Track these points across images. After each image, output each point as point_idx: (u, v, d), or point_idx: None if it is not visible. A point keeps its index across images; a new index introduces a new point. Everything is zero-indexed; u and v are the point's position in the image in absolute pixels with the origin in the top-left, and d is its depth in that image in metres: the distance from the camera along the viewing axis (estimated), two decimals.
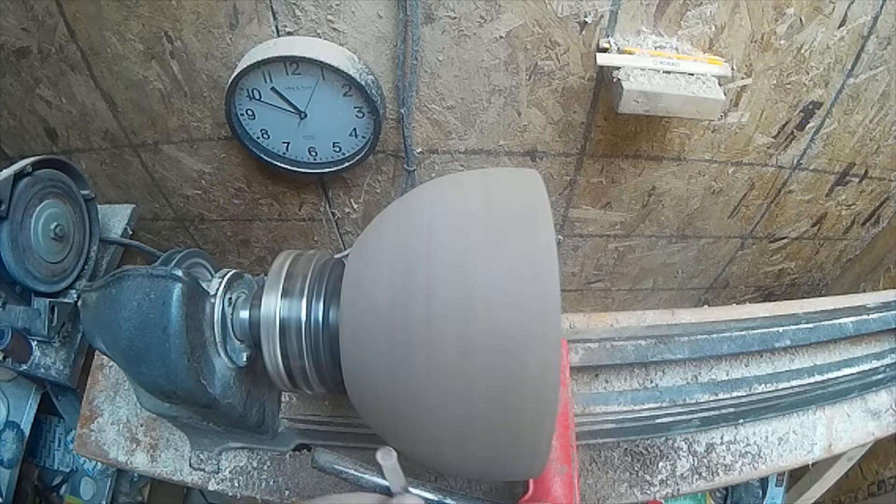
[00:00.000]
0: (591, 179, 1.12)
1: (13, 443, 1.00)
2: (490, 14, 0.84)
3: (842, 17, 0.87)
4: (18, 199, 0.78)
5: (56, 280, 0.86)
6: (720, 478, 0.74)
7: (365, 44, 0.89)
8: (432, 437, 0.44)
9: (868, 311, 0.83)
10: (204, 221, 1.27)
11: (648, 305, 1.53)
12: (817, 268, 1.45)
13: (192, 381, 0.51)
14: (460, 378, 0.40)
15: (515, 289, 0.40)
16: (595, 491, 0.71)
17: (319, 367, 0.50)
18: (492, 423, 0.41)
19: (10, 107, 1.03)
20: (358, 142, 1.00)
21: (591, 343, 0.74)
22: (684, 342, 0.75)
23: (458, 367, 0.40)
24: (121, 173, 1.15)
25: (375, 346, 0.44)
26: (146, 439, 0.74)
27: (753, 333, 0.77)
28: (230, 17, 0.86)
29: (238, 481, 0.71)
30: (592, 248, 1.31)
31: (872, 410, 0.80)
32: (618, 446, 0.73)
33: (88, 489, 1.15)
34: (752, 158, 1.10)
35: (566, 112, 0.98)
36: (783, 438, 0.76)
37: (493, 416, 0.41)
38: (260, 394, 0.62)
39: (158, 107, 1.00)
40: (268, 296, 0.50)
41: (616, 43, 0.86)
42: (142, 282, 0.50)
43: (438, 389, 0.41)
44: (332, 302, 0.50)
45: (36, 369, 0.89)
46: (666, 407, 0.73)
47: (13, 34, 0.90)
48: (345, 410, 0.70)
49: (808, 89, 0.98)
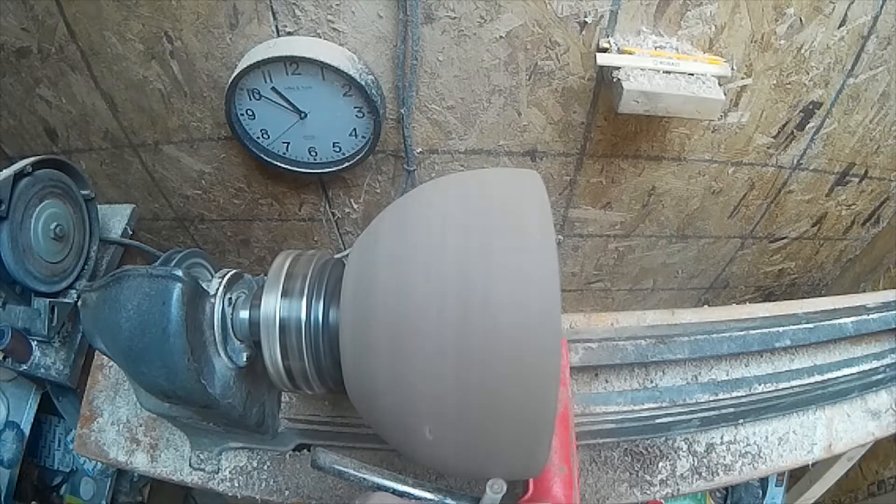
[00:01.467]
0: (591, 179, 1.12)
1: (13, 443, 1.00)
2: (490, 14, 0.84)
3: (842, 17, 0.87)
4: (18, 198, 0.78)
5: (56, 280, 0.86)
6: (720, 478, 0.74)
7: (365, 44, 0.89)
8: (431, 437, 0.44)
9: (868, 311, 0.83)
10: (204, 221, 1.27)
11: (648, 305, 1.53)
12: (817, 268, 1.45)
13: (191, 381, 0.50)
14: (459, 378, 0.40)
15: (515, 289, 0.40)
16: (595, 491, 0.71)
17: (319, 367, 0.50)
18: (491, 423, 0.41)
19: (10, 107, 1.03)
20: (358, 142, 1.00)
21: (591, 343, 0.74)
22: (684, 342, 0.75)
23: (457, 368, 0.40)
24: (121, 173, 1.15)
25: (375, 347, 0.44)
26: (146, 439, 0.74)
27: (753, 333, 0.77)
28: (230, 17, 0.86)
29: (238, 481, 0.71)
30: (592, 248, 1.31)
31: (872, 410, 0.80)
32: (618, 446, 0.73)
33: (88, 489, 1.15)
34: (752, 158, 1.10)
35: (566, 112, 0.98)
36: (783, 438, 0.76)
37: (492, 415, 0.41)
38: (260, 394, 0.62)
39: (158, 107, 1.00)
40: (268, 296, 0.50)
41: (616, 43, 0.86)
42: (142, 282, 0.50)
43: (437, 389, 0.41)
44: (332, 302, 0.50)
45: (36, 369, 0.89)
46: (666, 407, 0.73)
47: (13, 34, 0.90)
48: (345, 410, 0.70)
49: (808, 89, 0.98)
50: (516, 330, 0.39)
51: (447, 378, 0.41)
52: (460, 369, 0.40)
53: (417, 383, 0.42)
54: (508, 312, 0.39)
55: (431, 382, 0.41)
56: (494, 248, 0.41)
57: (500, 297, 0.40)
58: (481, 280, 0.40)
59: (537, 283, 0.40)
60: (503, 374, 0.40)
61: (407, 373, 0.42)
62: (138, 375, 0.52)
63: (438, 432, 0.43)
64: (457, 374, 0.40)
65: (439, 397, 0.41)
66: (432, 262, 0.42)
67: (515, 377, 0.40)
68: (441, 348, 0.40)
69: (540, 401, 0.40)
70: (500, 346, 0.39)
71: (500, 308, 0.39)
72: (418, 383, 0.42)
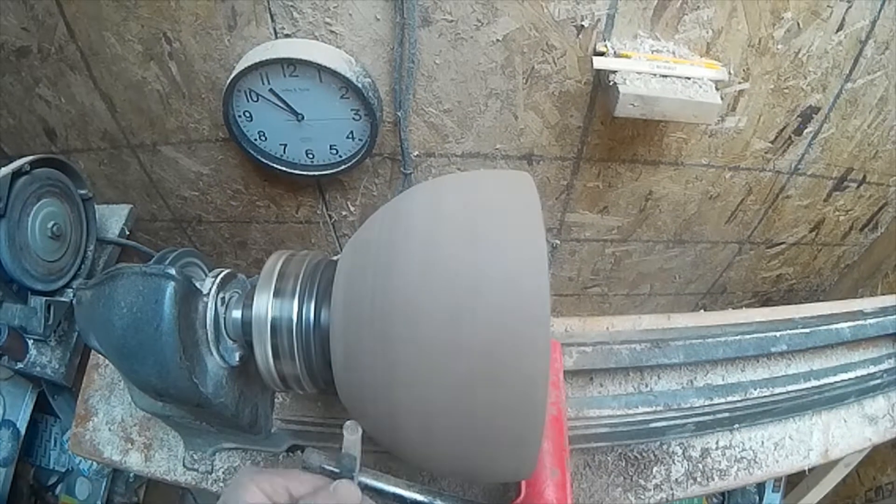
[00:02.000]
0: (587, 184, 1.12)
1: (9, 441, 1.00)
2: (487, 17, 0.85)
3: (839, 22, 0.88)
4: (16, 197, 0.78)
5: (53, 279, 0.86)
6: (715, 483, 0.73)
7: (362, 46, 0.89)
8: (421, 438, 0.44)
9: (865, 315, 0.83)
10: (201, 223, 1.27)
11: (645, 310, 1.53)
12: (815, 273, 1.45)
13: (184, 379, 0.50)
14: (447, 379, 0.40)
15: (504, 290, 0.40)
16: (589, 495, 0.71)
17: (310, 367, 0.50)
18: (480, 424, 0.41)
19: (9, 106, 1.04)
20: (355, 144, 1.00)
21: (586, 346, 0.74)
22: (679, 346, 0.75)
23: (445, 369, 0.40)
24: (119, 174, 1.15)
25: (364, 347, 0.43)
26: (140, 439, 0.74)
27: (749, 338, 0.77)
28: (228, 18, 0.86)
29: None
30: (589, 252, 1.31)
31: (869, 416, 0.80)
32: (612, 450, 0.72)
33: (84, 489, 1.14)
34: (749, 163, 1.10)
35: (563, 116, 0.99)
36: (779, 444, 0.76)
37: (481, 417, 0.41)
38: (253, 394, 0.62)
39: (157, 108, 1.00)
40: (260, 295, 0.50)
41: (613, 47, 0.86)
42: (135, 280, 0.50)
43: (425, 391, 0.41)
44: (324, 302, 0.50)
45: (32, 368, 0.89)
46: (661, 411, 0.73)
47: (13, 34, 0.91)
48: (338, 412, 0.70)
49: (805, 94, 0.98)
50: (504, 332, 0.39)
51: (434, 380, 0.41)
52: (448, 370, 0.40)
53: (404, 385, 0.42)
54: (496, 314, 0.39)
55: (418, 384, 0.41)
56: (484, 250, 0.41)
57: (489, 298, 0.40)
58: (470, 281, 0.40)
59: (527, 284, 0.40)
60: (492, 374, 0.40)
61: (393, 374, 0.42)
62: (131, 373, 0.52)
63: (427, 434, 0.43)
64: (444, 376, 0.40)
65: (426, 399, 0.41)
66: (422, 263, 0.42)
67: (504, 377, 0.40)
68: (430, 349, 0.40)
69: (529, 402, 0.40)
70: (488, 349, 0.39)
71: (487, 310, 0.39)
72: (405, 385, 0.42)
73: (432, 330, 0.40)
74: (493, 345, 0.39)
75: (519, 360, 0.39)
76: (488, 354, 0.39)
